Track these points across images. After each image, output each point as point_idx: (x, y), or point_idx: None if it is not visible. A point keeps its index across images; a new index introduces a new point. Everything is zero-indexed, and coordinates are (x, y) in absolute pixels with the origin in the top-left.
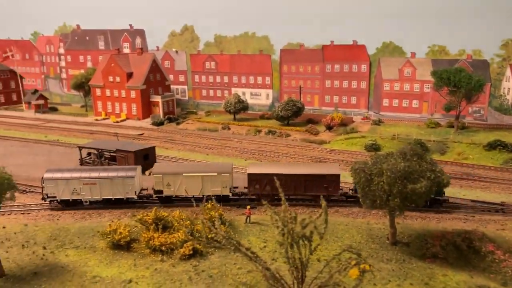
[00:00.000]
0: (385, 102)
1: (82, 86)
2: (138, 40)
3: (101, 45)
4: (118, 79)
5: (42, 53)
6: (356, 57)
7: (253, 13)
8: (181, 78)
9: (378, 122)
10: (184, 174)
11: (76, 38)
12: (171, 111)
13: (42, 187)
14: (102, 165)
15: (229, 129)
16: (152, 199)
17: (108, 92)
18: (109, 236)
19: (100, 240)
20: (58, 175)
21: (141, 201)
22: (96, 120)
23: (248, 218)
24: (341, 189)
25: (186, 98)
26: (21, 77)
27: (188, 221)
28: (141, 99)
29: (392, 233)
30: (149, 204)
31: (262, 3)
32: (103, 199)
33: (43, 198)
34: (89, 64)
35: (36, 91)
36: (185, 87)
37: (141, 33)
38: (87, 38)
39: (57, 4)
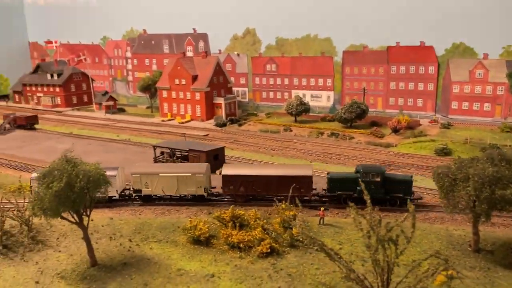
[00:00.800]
0: (454, 105)
1: (149, 88)
2: (201, 44)
3: (166, 48)
4: (183, 81)
5: (110, 56)
6: (424, 59)
7: (316, 15)
8: (242, 81)
9: (448, 126)
10: (160, 174)
11: (142, 42)
12: (233, 113)
13: (30, 186)
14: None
15: (290, 131)
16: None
17: (174, 94)
18: (190, 231)
19: (181, 235)
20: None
21: (123, 200)
22: (163, 121)
23: (322, 219)
24: (315, 189)
25: (246, 100)
26: (92, 80)
27: (264, 220)
28: (205, 101)
29: (475, 240)
30: (131, 203)
31: (325, 4)
32: None
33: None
34: (154, 67)
35: (106, 92)
36: (246, 89)
37: (204, 37)
38: (153, 42)
39: (125, 10)
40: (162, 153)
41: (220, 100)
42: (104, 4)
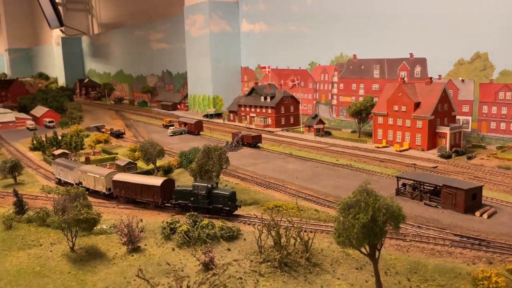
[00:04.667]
0: None
1: (360, 113)
2: (417, 69)
3: (376, 73)
4: (404, 108)
5: (317, 81)
6: None
7: None
8: (464, 109)
9: None
10: (88, 173)
11: (351, 67)
12: (457, 144)
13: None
14: (421, 199)
15: None
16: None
17: (390, 121)
18: (481, 282)
19: (466, 284)
20: (57, 161)
21: (77, 187)
22: (377, 147)
23: None
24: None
25: (469, 130)
26: (299, 103)
27: None
28: (427, 129)
29: None
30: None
31: None
32: (64, 181)
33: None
34: (361, 92)
35: (316, 115)
36: (469, 118)
37: (421, 61)
38: (362, 67)
39: (336, 36)
40: (404, 185)
41: (445, 130)
42: (315, 31)
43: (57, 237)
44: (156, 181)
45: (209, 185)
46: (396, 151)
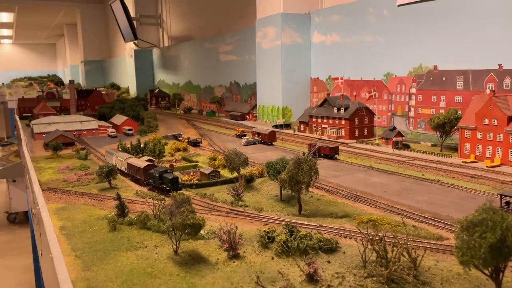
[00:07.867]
0: None
1: (443, 126)
2: (507, 81)
3: (459, 85)
4: (495, 122)
5: (392, 92)
6: None
7: None
8: None
9: None
10: (118, 158)
11: (431, 78)
12: None
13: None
14: None
15: None
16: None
17: (479, 135)
18: None
19: None
20: (109, 151)
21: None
22: (464, 162)
23: None
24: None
25: None
26: (374, 115)
27: None
28: None
29: None
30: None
31: None
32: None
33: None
34: (442, 104)
35: (394, 128)
36: None
37: None
38: (444, 78)
39: (415, 47)
40: (507, 203)
41: None
42: (391, 42)
43: (159, 240)
44: (142, 164)
45: (161, 170)
46: (487, 167)
